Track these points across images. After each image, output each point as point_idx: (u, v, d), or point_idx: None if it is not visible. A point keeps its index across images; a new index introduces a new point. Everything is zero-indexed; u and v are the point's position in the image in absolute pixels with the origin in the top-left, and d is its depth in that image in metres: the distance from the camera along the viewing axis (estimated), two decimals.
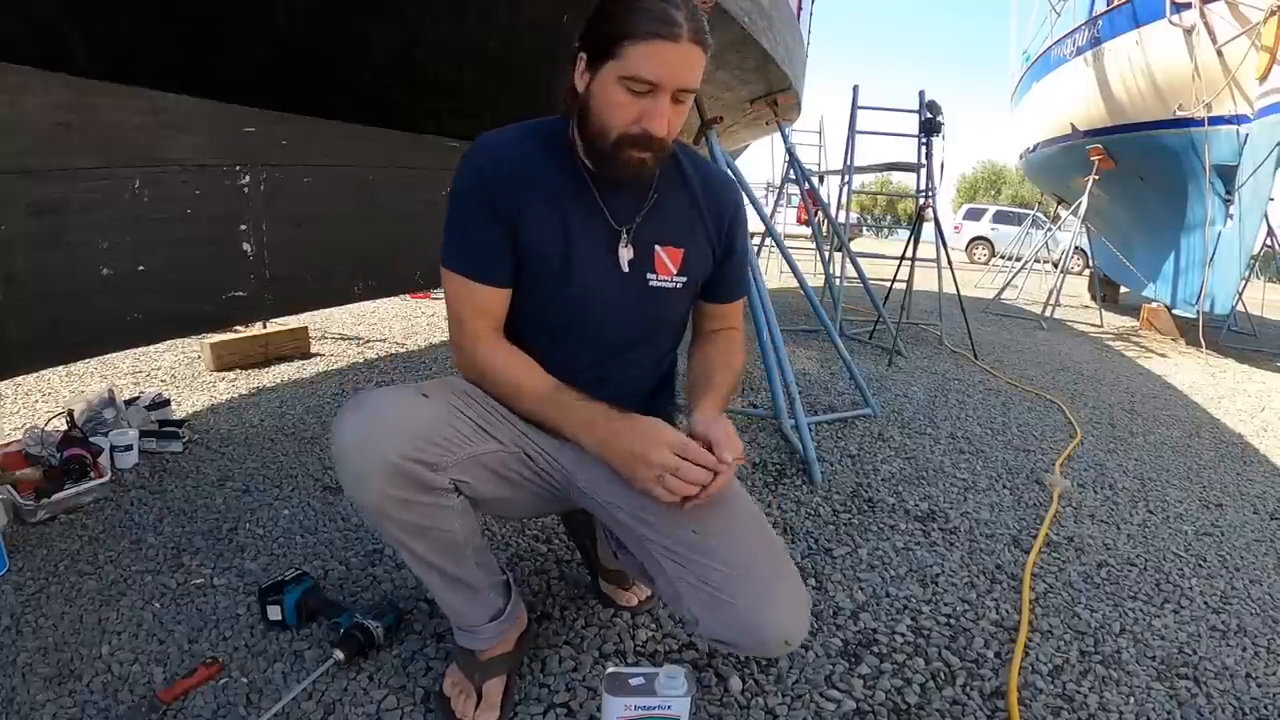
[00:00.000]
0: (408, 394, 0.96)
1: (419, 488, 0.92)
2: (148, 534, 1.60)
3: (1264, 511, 2.24)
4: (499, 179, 0.99)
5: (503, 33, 2.08)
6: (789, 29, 4.03)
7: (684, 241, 1.09)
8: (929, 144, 4.79)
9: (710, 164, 1.20)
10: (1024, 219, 11.71)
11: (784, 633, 0.94)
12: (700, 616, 0.97)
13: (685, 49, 0.89)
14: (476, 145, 1.02)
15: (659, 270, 1.07)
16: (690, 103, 0.96)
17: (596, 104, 0.94)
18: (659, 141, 0.94)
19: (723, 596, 0.94)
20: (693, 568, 0.97)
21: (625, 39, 0.88)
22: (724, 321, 1.21)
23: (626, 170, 0.95)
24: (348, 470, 0.91)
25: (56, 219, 1.39)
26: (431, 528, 0.96)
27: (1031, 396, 3.51)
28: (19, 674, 1.14)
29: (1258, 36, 4.28)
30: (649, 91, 0.90)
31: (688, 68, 0.91)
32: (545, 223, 1.01)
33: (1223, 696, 1.31)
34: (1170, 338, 5.89)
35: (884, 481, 2.21)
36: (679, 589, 0.98)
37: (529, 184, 1.00)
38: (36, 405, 2.44)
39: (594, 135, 0.95)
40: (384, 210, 2.17)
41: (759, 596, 0.93)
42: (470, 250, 1.00)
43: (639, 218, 1.05)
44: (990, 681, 1.29)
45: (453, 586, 1.04)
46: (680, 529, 0.98)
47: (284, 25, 1.59)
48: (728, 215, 1.14)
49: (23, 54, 1.26)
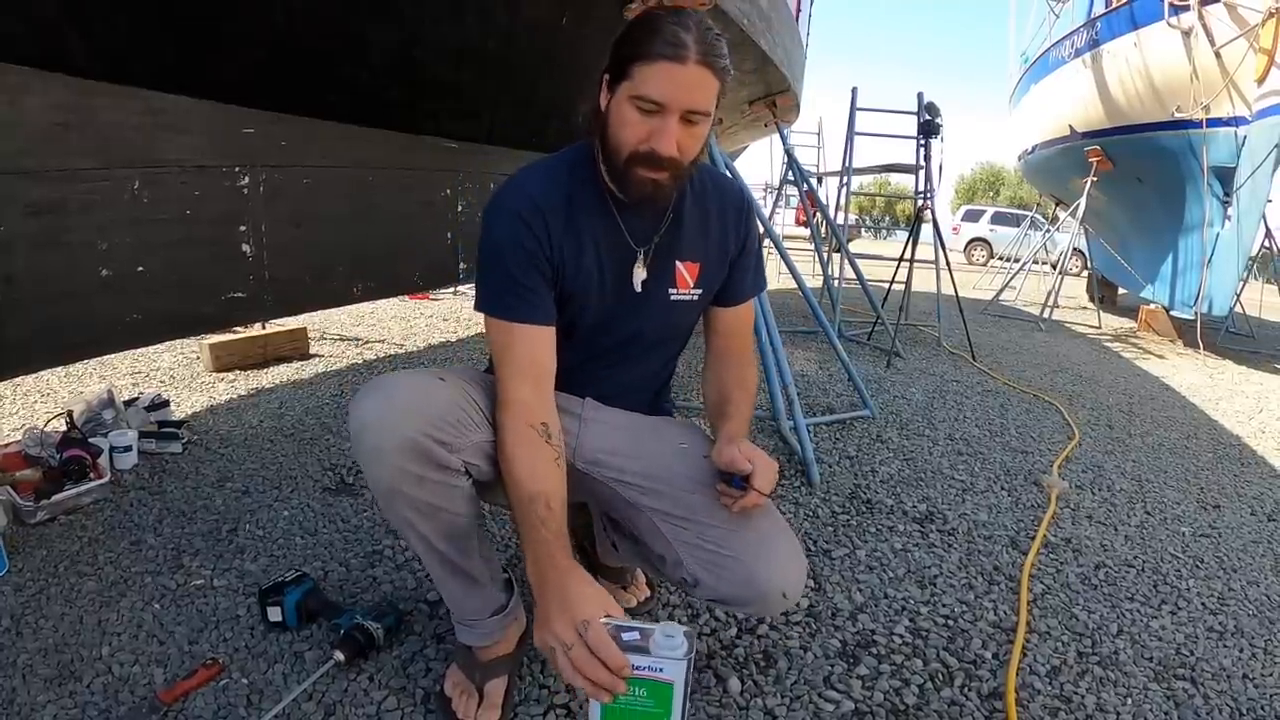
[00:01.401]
0: (426, 377, 0.99)
1: (433, 465, 0.94)
2: (147, 535, 1.60)
3: (1261, 513, 2.24)
4: (541, 226, 1.00)
5: (501, 33, 2.08)
6: (788, 30, 4.03)
7: (701, 255, 1.13)
8: (927, 145, 4.80)
9: (715, 171, 1.22)
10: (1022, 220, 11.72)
11: (782, 584, 0.98)
12: (700, 576, 1.01)
13: (693, 71, 0.91)
14: (512, 189, 1.03)
15: (679, 285, 1.12)
16: (706, 126, 0.97)
17: (612, 122, 0.97)
18: (669, 161, 0.94)
19: (723, 551, 0.99)
20: (693, 528, 1.03)
21: (637, 60, 0.92)
22: (734, 336, 1.21)
23: (640, 190, 0.97)
24: (366, 445, 0.93)
25: (55, 219, 1.39)
26: (442, 508, 0.98)
27: (1029, 398, 3.52)
28: (19, 675, 1.14)
29: (1256, 38, 4.29)
30: (657, 111, 0.92)
31: (695, 90, 0.92)
32: (586, 263, 1.04)
33: (1220, 697, 1.31)
34: (1168, 339, 5.90)
35: (882, 483, 2.22)
36: (679, 553, 1.03)
37: (568, 226, 1.02)
38: (36, 406, 2.44)
39: (611, 153, 0.98)
40: (383, 211, 2.17)
41: (757, 550, 0.99)
42: (508, 294, 1.00)
43: (657, 237, 1.08)
44: (988, 682, 1.30)
45: (457, 576, 1.05)
46: (684, 494, 1.05)
47: (282, 26, 1.59)
48: (743, 216, 1.17)
49: (21, 54, 1.26)
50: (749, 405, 1.16)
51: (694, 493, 1.05)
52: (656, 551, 1.08)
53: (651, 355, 1.19)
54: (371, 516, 1.75)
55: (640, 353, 1.17)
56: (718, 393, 1.17)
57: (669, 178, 0.97)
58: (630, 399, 1.20)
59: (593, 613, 0.81)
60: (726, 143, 6.18)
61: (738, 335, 1.22)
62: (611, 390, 1.17)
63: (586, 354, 1.12)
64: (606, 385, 1.16)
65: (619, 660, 0.77)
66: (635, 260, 1.08)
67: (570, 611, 0.81)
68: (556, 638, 0.80)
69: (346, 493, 1.88)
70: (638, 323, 1.12)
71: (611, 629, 0.81)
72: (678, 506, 1.05)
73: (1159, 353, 5.33)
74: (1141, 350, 5.39)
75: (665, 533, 1.05)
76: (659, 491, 1.07)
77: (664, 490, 1.07)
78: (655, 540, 1.07)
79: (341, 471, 2.01)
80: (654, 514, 1.07)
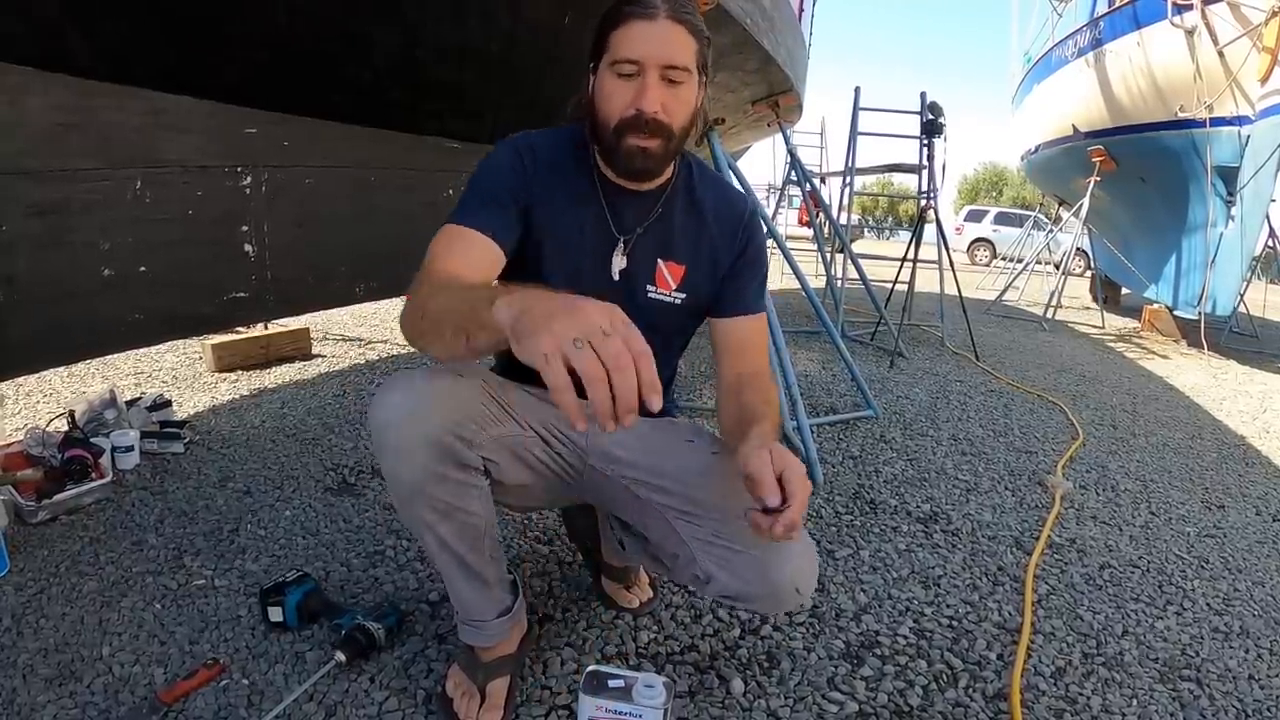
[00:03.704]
0: (445, 372, 0.98)
1: (455, 464, 0.94)
2: (149, 535, 1.60)
3: (1266, 513, 2.23)
4: (532, 163, 1.04)
5: (503, 34, 2.08)
6: (790, 30, 4.02)
7: (687, 259, 1.11)
8: (930, 145, 4.79)
9: (722, 180, 1.20)
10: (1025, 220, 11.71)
11: (795, 579, 0.97)
12: (714, 573, 1.00)
13: (664, 25, 0.94)
14: (515, 136, 1.08)
15: (659, 284, 1.11)
16: (689, 90, 0.99)
17: (598, 99, 1.00)
18: (654, 123, 0.96)
19: (735, 546, 0.98)
20: (707, 524, 1.01)
21: (611, 30, 0.97)
22: (747, 361, 1.14)
23: (631, 160, 0.99)
24: (390, 443, 0.92)
25: (57, 220, 1.39)
26: (460, 509, 0.97)
27: (1033, 398, 3.51)
28: (20, 675, 1.14)
29: (1259, 38, 4.29)
30: (636, 72, 0.95)
31: (669, 44, 0.95)
32: (558, 213, 1.05)
33: (1225, 698, 1.31)
34: (1172, 339, 5.89)
35: (886, 483, 2.21)
36: (692, 549, 1.02)
37: (553, 176, 1.05)
38: (38, 406, 2.44)
39: (600, 130, 1.00)
40: (385, 211, 2.17)
41: (772, 544, 0.95)
42: (480, 210, 1.01)
43: (640, 229, 1.08)
44: (993, 683, 1.29)
45: (468, 577, 1.05)
46: (695, 489, 1.03)
47: (284, 26, 1.59)
48: (743, 228, 1.14)
49: (22, 54, 1.26)
50: (775, 411, 1.04)
51: (705, 488, 1.04)
52: (668, 550, 1.07)
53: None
54: (373, 517, 1.74)
55: None
56: (737, 408, 1.06)
57: (659, 145, 0.98)
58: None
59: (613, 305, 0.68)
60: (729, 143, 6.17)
61: (747, 353, 1.14)
62: None
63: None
64: None
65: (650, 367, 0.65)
66: (615, 247, 1.08)
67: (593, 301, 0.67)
68: (588, 321, 0.64)
69: (348, 493, 1.88)
70: None
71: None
72: (690, 503, 1.04)
73: (1162, 353, 5.32)
74: (1145, 350, 5.37)
75: (678, 529, 1.04)
76: (670, 489, 1.06)
77: (676, 487, 1.06)
78: (667, 538, 1.06)
79: (343, 472, 2.01)
80: (667, 510, 1.06)
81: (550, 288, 0.97)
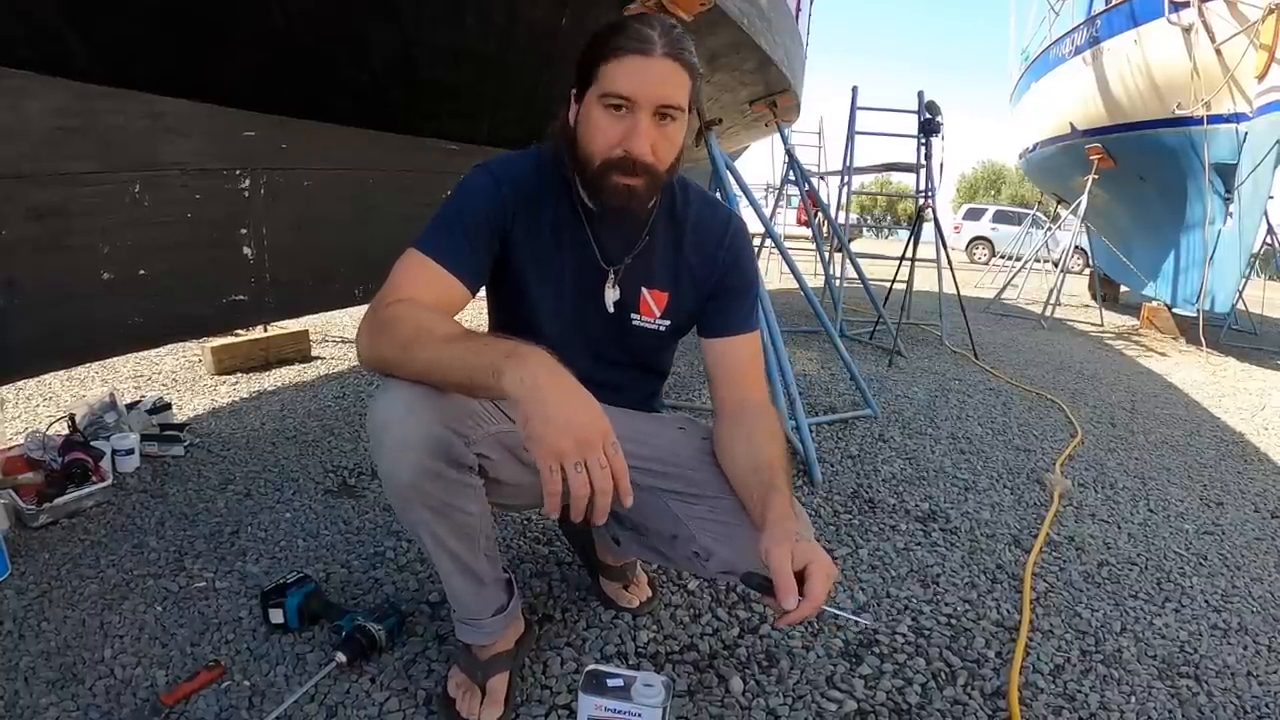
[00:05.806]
0: None
1: (451, 462, 0.94)
2: (149, 537, 1.60)
3: (1265, 510, 2.23)
4: (511, 193, 1.02)
5: (500, 35, 2.08)
6: (788, 30, 4.03)
7: (669, 285, 1.11)
8: (928, 144, 4.79)
9: (707, 198, 1.16)
10: (1024, 219, 11.70)
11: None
12: (713, 548, 1.01)
13: (660, 63, 0.90)
14: (491, 161, 1.05)
15: (643, 312, 1.11)
16: (680, 129, 0.96)
17: (582, 131, 0.96)
18: (643, 165, 0.93)
19: (733, 520, 1.00)
20: (704, 502, 1.04)
21: (603, 60, 0.92)
22: (744, 389, 1.10)
23: (615, 198, 0.95)
24: (389, 440, 0.91)
25: (57, 223, 1.40)
26: (456, 508, 0.97)
27: (1032, 396, 3.51)
28: (21, 678, 1.14)
29: (1256, 35, 4.29)
30: (627, 109, 0.92)
31: (664, 83, 0.91)
32: (540, 245, 1.04)
33: (1224, 695, 1.31)
34: (1170, 336, 5.89)
35: (884, 482, 2.22)
36: (690, 528, 1.04)
37: (532, 207, 1.03)
38: (38, 409, 2.44)
39: (583, 163, 0.97)
40: (383, 213, 2.17)
41: None
42: (449, 242, 0.98)
43: (629, 259, 1.08)
44: (991, 681, 1.29)
45: (464, 575, 1.05)
46: (691, 472, 1.06)
47: (282, 29, 1.59)
48: (723, 247, 1.11)
49: (22, 58, 1.27)
50: (786, 468, 1.00)
51: (700, 470, 1.07)
52: (666, 533, 1.09)
53: (624, 390, 1.15)
54: (373, 519, 1.75)
55: (605, 381, 1.07)
56: (747, 451, 1.02)
57: (644, 184, 0.95)
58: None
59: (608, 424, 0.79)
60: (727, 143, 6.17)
61: (739, 381, 1.10)
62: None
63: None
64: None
65: (626, 485, 0.79)
66: (604, 278, 1.07)
67: (595, 416, 0.78)
68: (592, 452, 0.77)
69: (348, 495, 1.88)
70: (601, 348, 1.11)
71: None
72: (686, 483, 1.06)
73: (1161, 350, 5.32)
74: (1144, 348, 5.38)
75: (676, 510, 1.06)
76: (668, 473, 1.08)
77: (671, 470, 1.08)
78: (663, 520, 1.07)
79: (344, 473, 2.01)
80: (664, 494, 1.07)
81: (540, 323, 1.03)
